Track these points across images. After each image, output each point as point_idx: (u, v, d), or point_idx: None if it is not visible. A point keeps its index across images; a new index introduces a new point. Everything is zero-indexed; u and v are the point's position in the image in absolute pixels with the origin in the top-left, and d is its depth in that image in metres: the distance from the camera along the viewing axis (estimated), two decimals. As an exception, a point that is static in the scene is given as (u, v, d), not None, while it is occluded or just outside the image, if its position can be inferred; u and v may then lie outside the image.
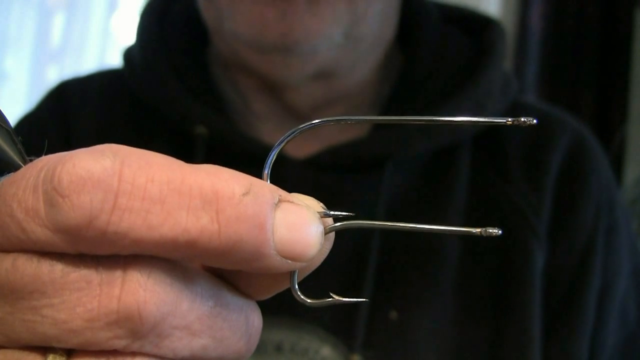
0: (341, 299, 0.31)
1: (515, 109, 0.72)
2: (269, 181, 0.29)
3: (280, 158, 0.66)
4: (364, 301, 0.42)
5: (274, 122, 0.72)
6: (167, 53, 0.72)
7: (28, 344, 0.26)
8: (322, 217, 0.28)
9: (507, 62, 0.75)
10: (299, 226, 0.27)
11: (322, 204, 0.29)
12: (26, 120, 0.76)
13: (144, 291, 0.26)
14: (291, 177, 0.67)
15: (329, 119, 0.31)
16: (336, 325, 0.63)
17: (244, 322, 0.29)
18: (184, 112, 0.69)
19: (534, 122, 0.29)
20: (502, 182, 0.69)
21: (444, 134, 0.68)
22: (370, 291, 0.64)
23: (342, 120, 0.31)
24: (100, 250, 0.26)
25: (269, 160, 0.30)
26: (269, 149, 0.30)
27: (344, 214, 0.29)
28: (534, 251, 0.66)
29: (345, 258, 0.65)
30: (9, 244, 0.26)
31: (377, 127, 0.70)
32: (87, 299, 0.26)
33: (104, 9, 2.27)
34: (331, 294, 0.31)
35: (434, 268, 0.66)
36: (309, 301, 0.30)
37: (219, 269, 0.29)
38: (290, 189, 0.29)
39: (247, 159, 0.65)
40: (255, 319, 0.30)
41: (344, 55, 0.67)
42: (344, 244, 0.65)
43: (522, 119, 0.29)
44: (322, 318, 0.63)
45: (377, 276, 0.65)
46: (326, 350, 0.62)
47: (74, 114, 0.75)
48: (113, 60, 2.05)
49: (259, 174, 0.29)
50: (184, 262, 0.27)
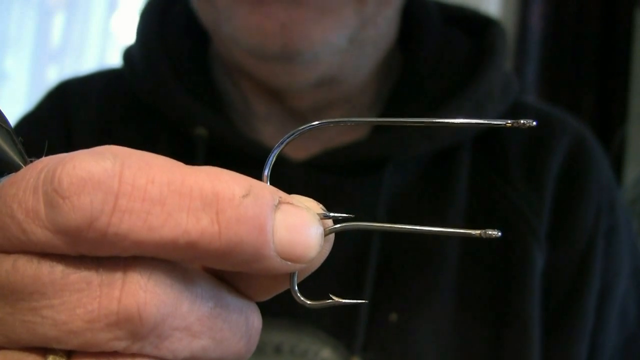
0: (341, 300, 0.31)
1: (516, 110, 0.72)
2: (269, 183, 0.29)
3: (280, 159, 0.66)
4: (363, 303, 0.42)
5: (275, 123, 0.72)
6: (167, 53, 0.72)
7: (28, 345, 0.26)
8: (322, 219, 0.28)
9: (507, 62, 0.75)
10: (299, 228, 0.27)
11: (322, 206, 0.29)
12: (26, 120, 0.76)
13: (144, 292, 0.26)
14: (291, 178, 0.67)
15: (328, 120, 0.31)
16: (336, 326, 0.63)
17: (243, 323, 0.29)
18: (183, 112, 0.69)
19: (534, 124, 0.29)
20: (502, 182, 0.69)
21: (444, 135, 0.68)
22: (370, 293, 0.64)
23: (342, 121, 0.32)
24: (101, 252, 0.26)
25: (269, 161, 0.30)
26: (268, 150, 0.30)
27: (343, 215, 0.29)
28: (534, 252, 0.66)
29: (345, 259, 0.65)
30: (10, 245, 0.26)
31: (377, 128, 0.70)
32: (88, 300, 0.26)
33: (104, 9, 2.26)
34: (331, 295, 0.31)
35: (434, 269, 0.66)
36: (308, 302, 0.30)
37: (219, 270, 0.29)
38: (290, 190, 0.29)
39: (247, 161, 0.65)
40: (255, 320, 0.30)
41: (348, 59, 0.67)
42: (344, 245, 0.65)
43: (522, 121, 0.29)
44: (322, 320, 0.63)
45: (377, 278, 0.64)
46: (326, 352, 0.62)
47: (74, 113, 0.75)
48: (113, 60, 2.05)
49: (259, 176, 0.29)
50: (184, 264, 0.27)
